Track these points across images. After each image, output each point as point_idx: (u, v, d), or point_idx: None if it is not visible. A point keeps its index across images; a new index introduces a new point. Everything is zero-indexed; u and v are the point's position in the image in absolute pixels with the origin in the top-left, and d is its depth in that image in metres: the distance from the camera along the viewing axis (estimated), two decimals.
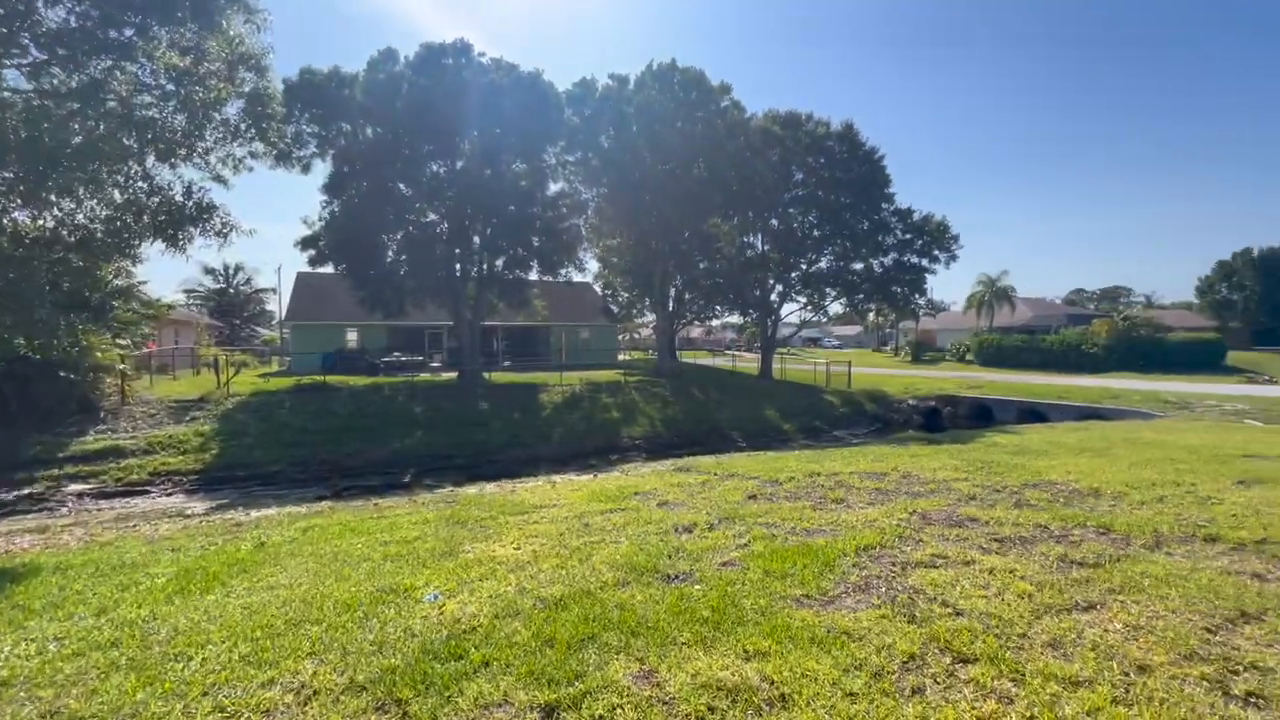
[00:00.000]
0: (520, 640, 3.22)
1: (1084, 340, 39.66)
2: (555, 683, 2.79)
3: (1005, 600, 3.52)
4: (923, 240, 29.33)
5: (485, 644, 3.19)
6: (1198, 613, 3.28)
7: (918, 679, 2.75)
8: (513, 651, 3.09)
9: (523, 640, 3.21)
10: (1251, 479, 6.25)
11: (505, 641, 3.21)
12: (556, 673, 2.86)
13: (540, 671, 2.88)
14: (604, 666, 2.92)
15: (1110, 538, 4.57)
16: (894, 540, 4.68)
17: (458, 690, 2.78)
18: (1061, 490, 6.12)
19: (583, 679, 2.81)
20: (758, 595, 3.69)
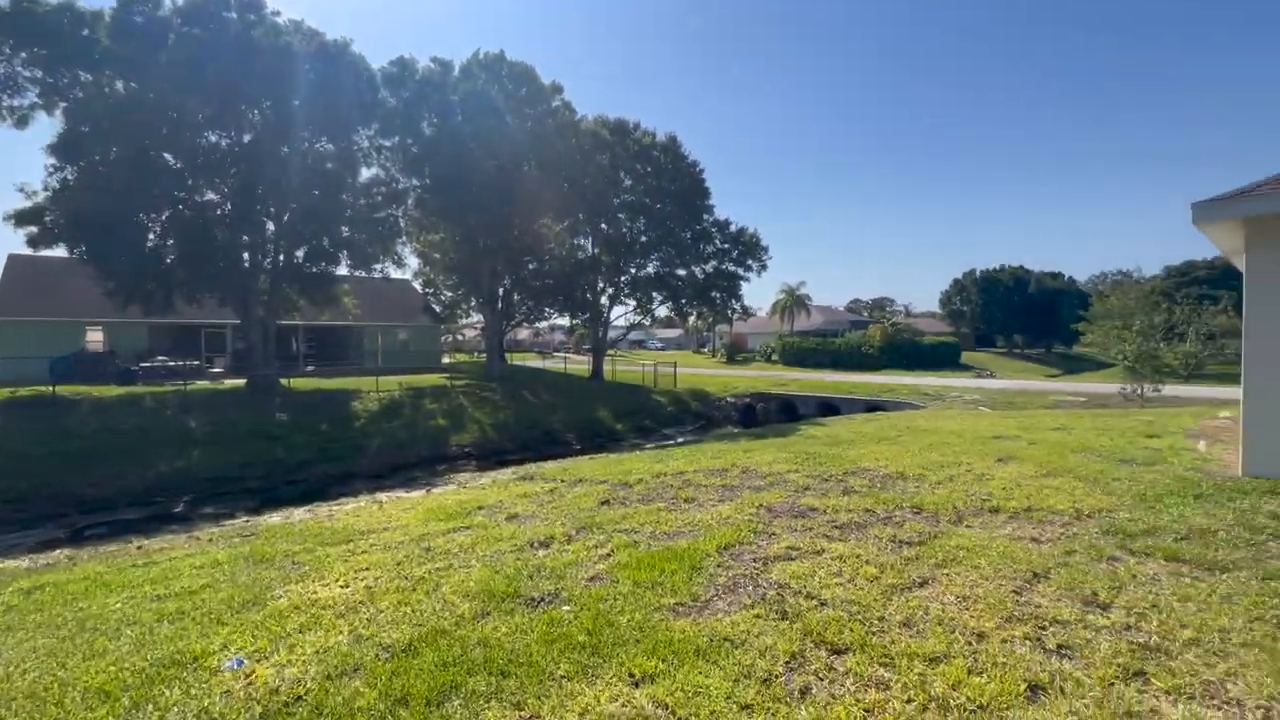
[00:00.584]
0: (364, 704, 2.64)
1: (864, 343, 46.35)
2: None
3: (858, 585, 3.74)
4: (738, 250, 31.91)
5: (317, 716, 2.56)
6: (1004, 577, 3.77)
7: (803, 678, 2.76)
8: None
9: (367, 703, 2.64)
10: (1007, 456, 7.60)
11: (344, 709, 2.61)
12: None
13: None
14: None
15: (924, 516, 5.17)
16: (749, 536, 4.80)
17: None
18: (876, 476, 6.86)
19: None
20: (632, 610, 3.49)
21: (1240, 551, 4.08)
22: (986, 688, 2.60)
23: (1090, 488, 5.84)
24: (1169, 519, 4.77)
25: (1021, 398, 24.27)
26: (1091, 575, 3.74)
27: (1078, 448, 8.02)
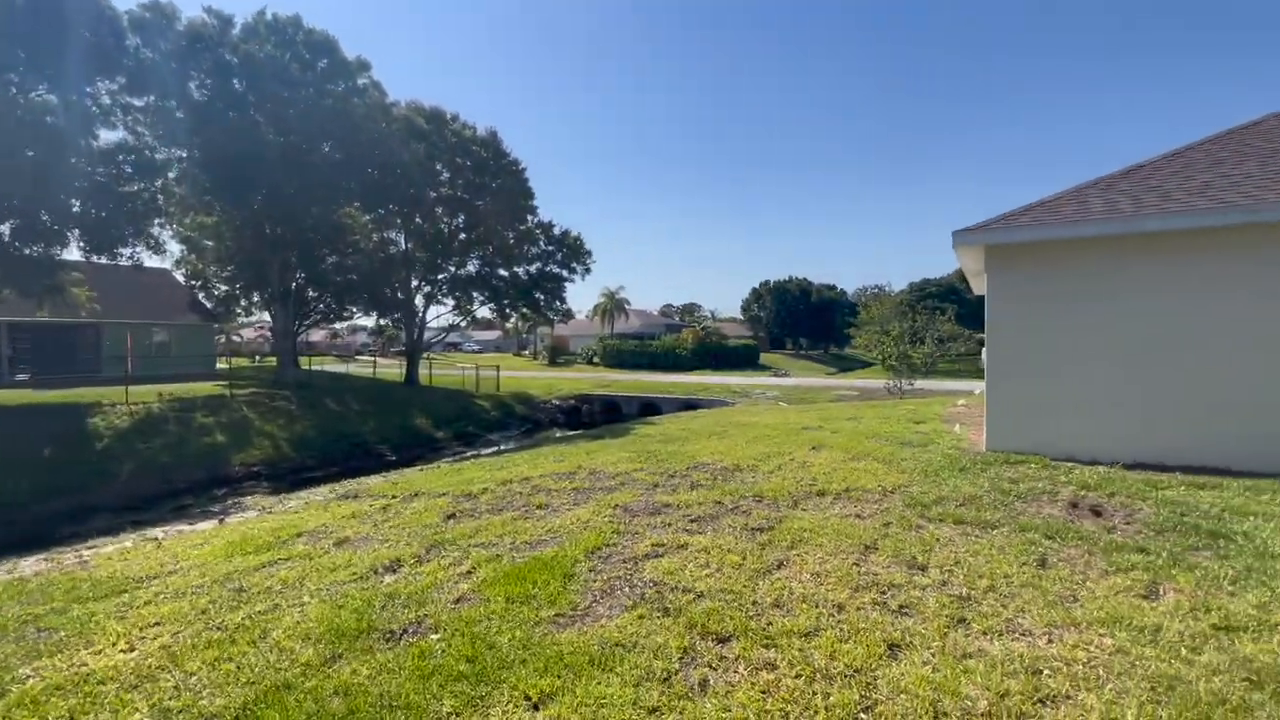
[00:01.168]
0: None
1: (678, 345, 49.43)
2: None
3: (726, 574, 3.93)
4: (563, 252, 31.99)
5: None
6: (844, 552, 4.25)
7: (699, 671, 2.81)
8: None
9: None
10: (819, 445, 8.63)
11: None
12: None
13: None
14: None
15: (766, 503, 5.62)
16: (614, 537, 4.79)
17: None
18: (715, 469, 7.31)
19: None
20: (511, 628, 3.26)
21: (1000, 511, 5.09)
22: (856, 653, 2.89)
23: (888, 468, 6.85)
24: (948, 490, 5.79)
25: (811, 393, 27.81)
26: (908, 543, 4.38)
27: (870, 434, 9.39)
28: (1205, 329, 6.59)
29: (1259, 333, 6.38)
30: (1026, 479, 6.07)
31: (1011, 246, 7.41)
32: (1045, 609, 3.29)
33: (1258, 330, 6.38)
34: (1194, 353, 6.64)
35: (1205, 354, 6.59)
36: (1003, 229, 7.41)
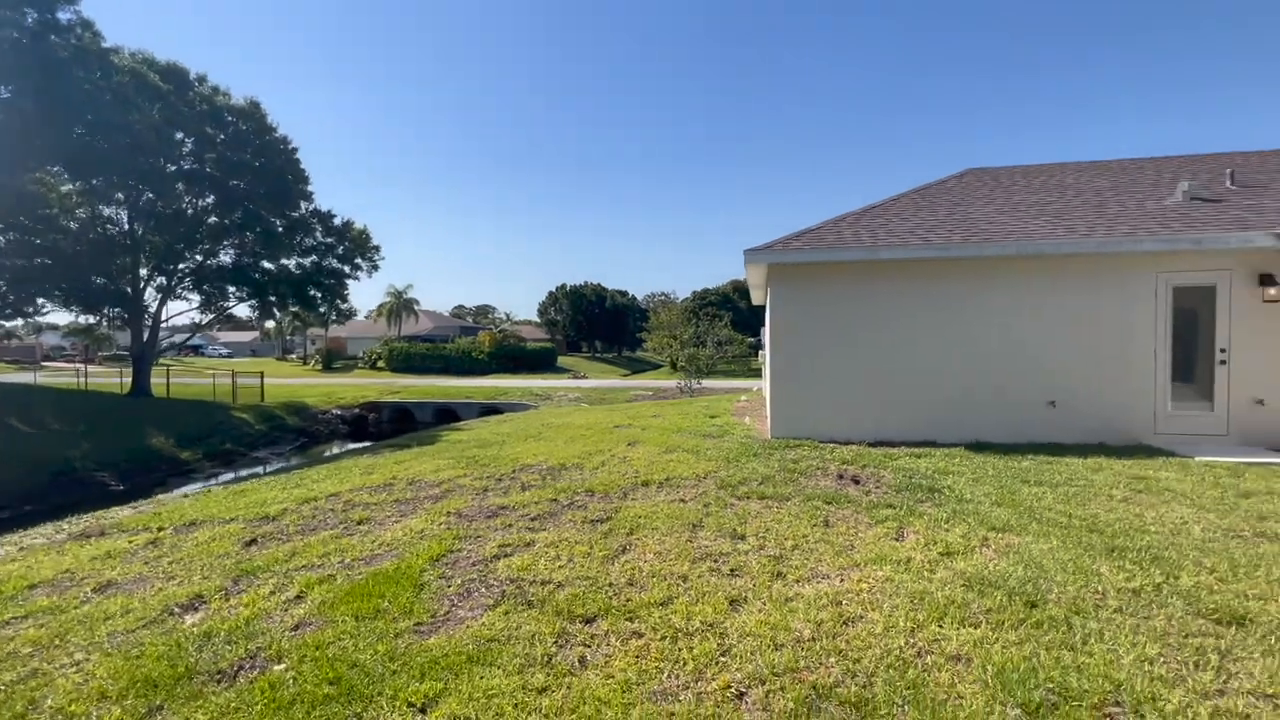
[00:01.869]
0: None
1: (474, 348, 47.86)
2: None
3: (578, 563, 4.17)
4: (345, 246, 28.97)
5: None
6: (677, 532, 4.77)
7: (576, 650, 3.02)
8: None
9: None
10: (634, 441, 9.28)
11: None
12: None
13: None
14: None
15: (599, 497, 5.98)
16: (456, 543, 4.72)
17: None
18: (542, 469, 7.47)
19: None
20: (371, 643, 3.12)
21: (790, 486, 6.12)
22: (706, 611, 3.35)
23: (696, 457, 7.70)
24: (748, 472, 6.75)
25: (610, 394, 29.17)
26: (726, 518, 5.07)
27: (675, 429, 10.34)
28: (923, 338, 8.63)
29: (958, 341, 8.55)
30: (805, 459, 7.34)
31: (788, 265, 8.85)
32: (834, 557, 4.14)
33: (957, 339, 8.56)
34: (916, 356, 8.64)
35: (923, 357, 8.63)
36: (782, 251, 8.81)
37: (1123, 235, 7.99)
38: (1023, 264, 8.33)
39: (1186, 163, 10.72)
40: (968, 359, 8.51)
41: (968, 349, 8.51)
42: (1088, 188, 10.19)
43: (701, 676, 2.74)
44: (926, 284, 8.60)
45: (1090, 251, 8.00)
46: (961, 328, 8.54)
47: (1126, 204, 9.23)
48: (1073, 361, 8.28)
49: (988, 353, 8.46)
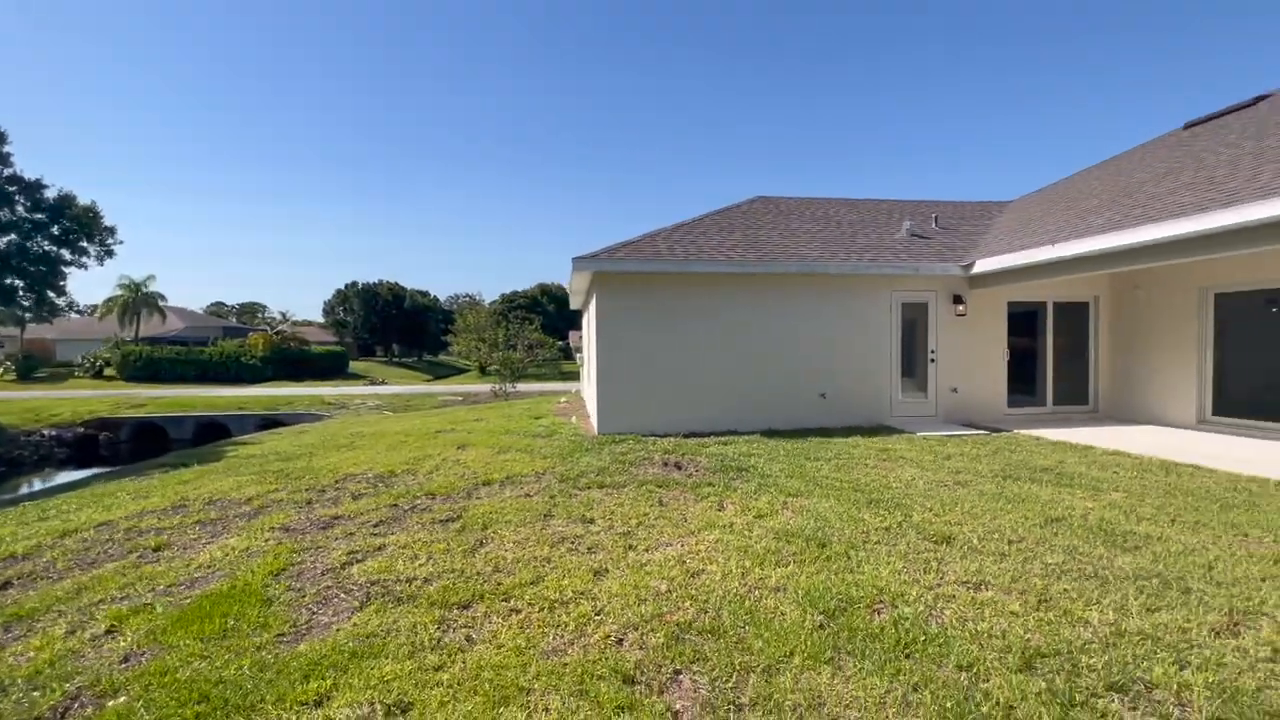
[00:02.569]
0: None
1: (243, 352, 41.46)
2: None
3: (439, 560, 4.27)
4: (63, 225, 23.31)
5: None
6: (530, 524, 5.06)
7: (461, 632, 3.20)
8: None
9: None
10: (463, 444, 9.19)
11: None
12: None
13: None
14: None
15: (441, 499, 5.98)
16: (295, 556, 4.46)
17: None
18: (368, 478, 7.13)
19: None
20: (231, 660, 2.96)
21: (623, 475, 6.74)
22: (575, 583, 3.75)
23: (531, 456, 7.98)
24: (584, 466, 7.24)
25: (417, 400, 27.63)
26: (573, 506, 5.49)
27: (502, 431, 10.44)
28: (726, 342, 9.93)
29: (753, 345, 10.00)
30: (632, 451, 8.05)
31: (614, 274, 9.56)
32: (673, 528, 4.81)
33: (753, 343, 10.00)
34: (721, 358, 9.92)
35: (726, 359, 9.93)
36: (607, 260, 9.49)
37: (869, 261, 10.14)
38: (802, 281, 10.10)
39: (909, 206, 13.85)
40: (761, 360, 10.04)
41: (761, 352, 10.04)
42: (845, 220, 12.62)
43: (583, 633, 3.13)
44: (729, 295, 9.95)
45: (849, 273, 10.01)
46: (756, 333, 10.04)
47: (870, 236, 11.67)
48: (837, 362, 10.25)
49: (776, 355, 10.07)
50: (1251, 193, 6.72)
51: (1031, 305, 11.11)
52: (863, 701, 2.48)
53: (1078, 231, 8.81)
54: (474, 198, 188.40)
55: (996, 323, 10.86)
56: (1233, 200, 6.77)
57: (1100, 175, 11.91)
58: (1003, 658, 2.77)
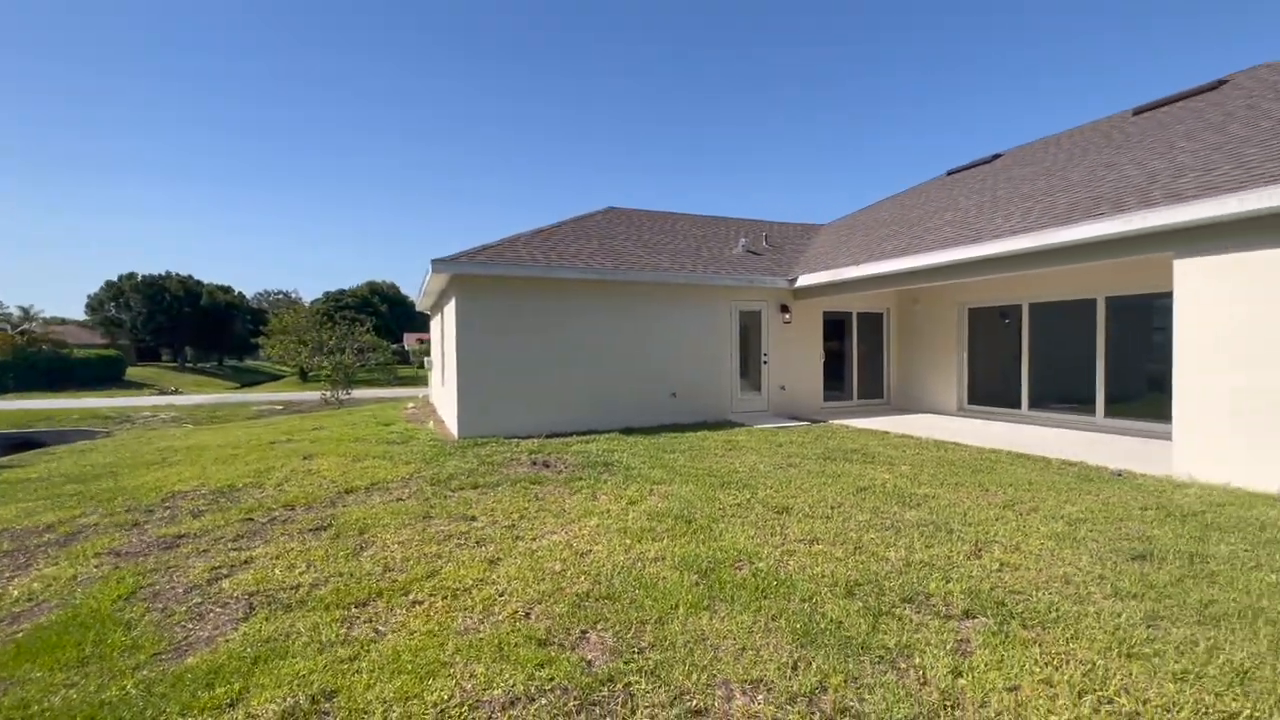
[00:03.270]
0: None
1: None
2: None
3: (323, 565, 4.19)
4: None
5: None
6: (410, 524, 5.10)
7: (367, 625, 3.29)
8: None
9: None
10: (309, 455, 8.58)
11: None
12: None
13: None
14: None
15: (302, 509, 5.70)
16: (143, 579, 4.09)
17: None
18: (203, 494, 6.46)
19: None
20: (111, 681, 2.79)
21: (495, 475, 6.92)
22: (473, 573, 3.96)
23: (392, 462, 7.77)
24: (452, 469, 7.26)
25: (225, 410, 24.43)
26: (451, 506, 5.60)
27: (352, 439, 9.89)
28: (586, 345, 10.41)
29: (611, 348, 10.58)
30: (498, 453, 8.20)
31: (477, 277, 9.58)
32: (554, 518, 5.17)
33: (610, 346, 10.58)
34: (581, 361, 10.37)
35: (586, 361, 10.41)
36: (468, 263, 9.49)
37: (713, 273, 11.28)
38: (656, 290, 10.93)
39: (744, 225, 15.48)
40: (619, 363, 10.68)
41: (618, 355, 10.69)
42: (691, 234, 13.80)
43: (491, 613, 3.40)
44: (589, 301, 10.46)
45: (696, 283, 11.05)
46: (614, 338, 10.67)
47: (713, 250, 12.92)
48: (686, 363, 11.24)
49: (632, 358, 10.79)
50: (989, 232, 8.78)
51: (841, 315, 13.13)
52: (735, 632, 3.09)
53: (875, 255, 10.70)
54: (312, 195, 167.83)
55: (815, 329, 12.67)
56: (978, 237, 8.79)
57: (890, 208, 14.42)
58: (832, 589, 3.57)
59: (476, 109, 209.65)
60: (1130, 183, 7.79)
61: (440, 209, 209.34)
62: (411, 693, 2.62)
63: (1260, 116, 7.79)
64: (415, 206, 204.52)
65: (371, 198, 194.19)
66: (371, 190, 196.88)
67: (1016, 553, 4.17)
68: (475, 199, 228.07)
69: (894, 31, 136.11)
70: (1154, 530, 4.62)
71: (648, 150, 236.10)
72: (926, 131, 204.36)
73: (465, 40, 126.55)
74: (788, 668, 2.75)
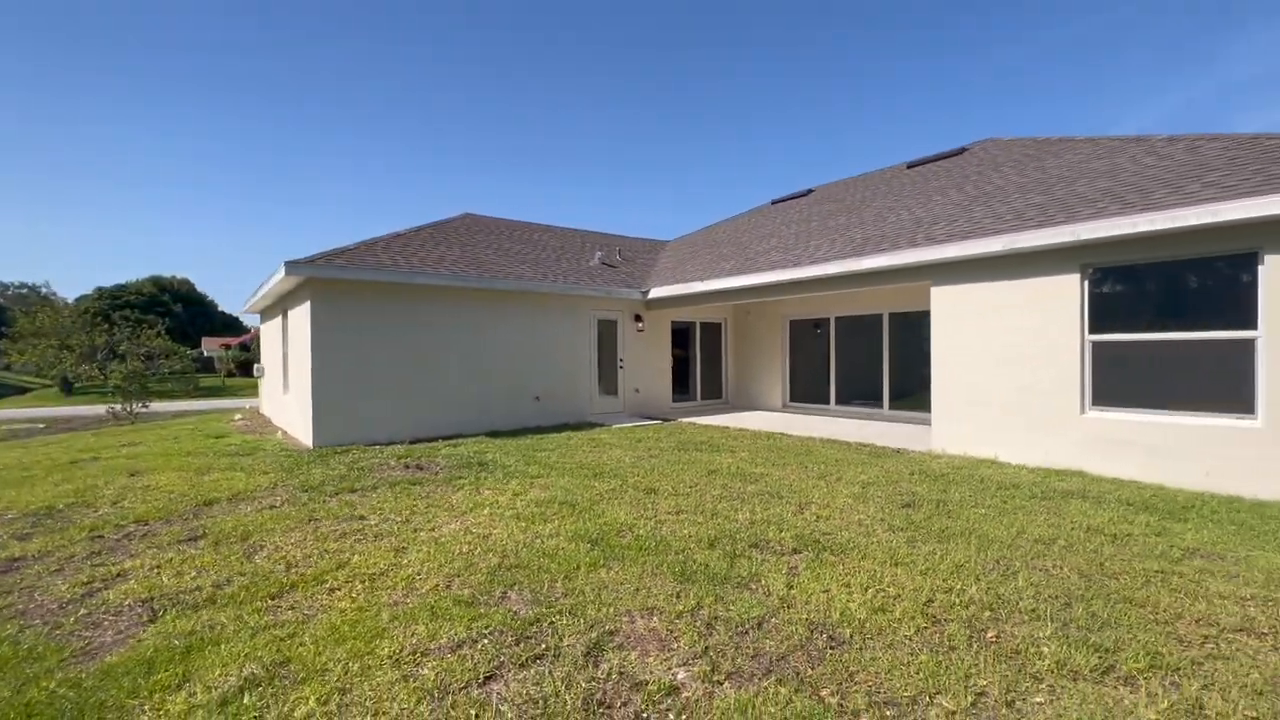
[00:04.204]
0: None
1: None
2: None
3: (214, 570, 4.20)
4: None
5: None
6: (297, 529, 5.14)
7: (294, 613, 3.52)
8: None
9: None
10: (136, 471, 7.74)
11: None
12: None
13: None
14: None
15: (161, 524, 5.39)
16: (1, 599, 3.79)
17: None
18: (18, 516, 5.74)
19: None
20: (26, 686, 2.79)
21: (370, 479, 6.97)
22: (382, 561, 4.27)
23: (247, 474, 7.39)
24: (320, 476, 7.15)
25: None
26: (335, 508, 5.68)
27: (182, 453, 9.03)
28: (450, 351, 10.54)
29: (475, 353, 10.81)
30: (365, 459, 8.15)
31: (335, 281, 9.33)
32: (445, 512, 5.54)
33: (475, 351, 10.80)
34: (445, 366, 10.48)
35: (450, 367, 10.54)
36: (325, 266, 9.22)
37: (574, 283, 12.02)
38: (519, 298, 11.39)
39: (599, 239, 16.44)
40: (483, 368, 10.97)
41: (483, 360, 10.98)
42: (549, 245, 14.41)
43: (414, 589, 3.80)
44: (453, 307, 10.63)
45: (559, 292, 11.70)
46: (478, 344, 10.94)
47: (571, 261, 13.67)
48: (549, 369, 11.83)
49: (496, 363, 11.14)
50: (807, 258, 10.61)
51: (687, 324, 14.60)
52: (629, 580, 3.85)
53: (717, 273, 12.21)
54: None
55: (665, 337, 13.97)
56: (799, 262, 10.57)
57: (727, 230, 16.30)
58: (698, 544, 4.49)
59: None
60: (904, 225, 10.00)
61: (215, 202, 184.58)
62: (363, 651, 3.00)
63: (985, 182, 10.43)
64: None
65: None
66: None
67: (827, 509, 5.47)
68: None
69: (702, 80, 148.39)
70: (916, 488, 6.25)
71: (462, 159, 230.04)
72: (740, 165, 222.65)
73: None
74: (673, 597, 3.58)
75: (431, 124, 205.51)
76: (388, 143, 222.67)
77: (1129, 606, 3.41)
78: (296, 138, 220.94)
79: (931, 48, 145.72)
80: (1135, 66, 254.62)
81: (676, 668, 2.84)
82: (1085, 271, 7.09)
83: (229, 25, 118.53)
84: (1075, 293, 7.12)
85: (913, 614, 3.31)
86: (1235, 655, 2.88)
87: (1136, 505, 5.55)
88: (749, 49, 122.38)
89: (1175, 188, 6.76)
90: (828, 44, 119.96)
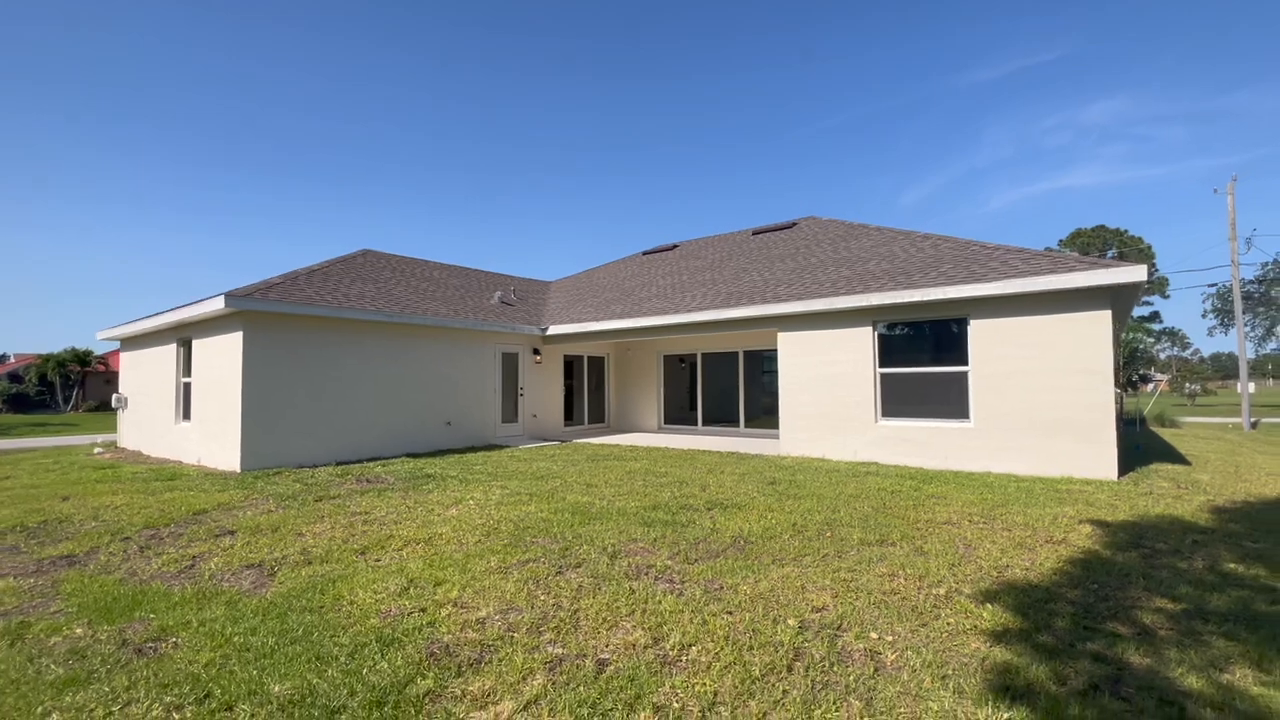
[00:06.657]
0: None
1: None
2: None
3: (282, 548, 5.31)
4: None
5: None
6: (281, 540, 6.23)
7: (368, 561, 4.89)
8: None
9: None
10: (66, 496, 7.81)
11: None
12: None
13: None
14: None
15: (137, 543, 6.13)
16: (115, 570, 4.65)
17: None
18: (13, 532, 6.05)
19: None
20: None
21: (333, 490, 7.95)
22: (419, 532, 5.67)
23: (204, 493, 7.92)
24: (281, 490, 7.95)
25: None
26: (328, 509, 6.77)
27: (89, 481, 8.97)
28: (371, 380, 11.44)
29: (394, 383, 11.78)
30: (309, 477, 8.96)
31: (268, 313, 9.97)
32: (435, 506, 6.91)
33: (393, 381, 11.77)
34: (366, 395, 11.35)
35: (370, 395, 11.43)
36: (261, 299, 9.86)
37: (482, 319, 13.47)
38: (434, 331, 12.59)
39: (492, 278, 17.89)
40: (399, 395, 11.97)
41: (400, 388, 11.98)
42: (452, 284, 15.63)
43: (462, 543, 5.31)
44: (374, 339, 11.59)
45: (469, 328, 13.08)
46: (395, 373, 11.94)
47: (477, 300, 15.04)
48: (458, 397, 13.06)
49: (412, 391, 12.18)
50: (683, 306, 13.21)
51: (575, 357, 16.55)
52: (612, 529, 5.71)
53: (608, 315, 14.41)
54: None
55: (558, 369, 15.79)
56: (676, 309, 13.13)
57: (607, 275, 18.66)
58: (646, 509, 6.47)
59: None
60: (756, 285, 13.02)
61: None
62: (466, 569, 4.57)
63: (810, 256, 13.90)
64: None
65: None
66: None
67: (721, 488, 7.76)
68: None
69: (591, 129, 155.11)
70: (775, 474, 8.82)
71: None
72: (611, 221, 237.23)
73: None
74: (645, 531, 5.54)
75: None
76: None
77: (895, 519, 6.04)
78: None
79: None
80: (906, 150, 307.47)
81: (666, 560, 4.81)
82: (875, 325, 10.38)
83: None
84: (869, 339, 10.37)
85: (786, 530, 5.62)
86: (940, 533, 5.54)
87: (905, 476, 8.58)
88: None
89: (924, 272, 10.30)
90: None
